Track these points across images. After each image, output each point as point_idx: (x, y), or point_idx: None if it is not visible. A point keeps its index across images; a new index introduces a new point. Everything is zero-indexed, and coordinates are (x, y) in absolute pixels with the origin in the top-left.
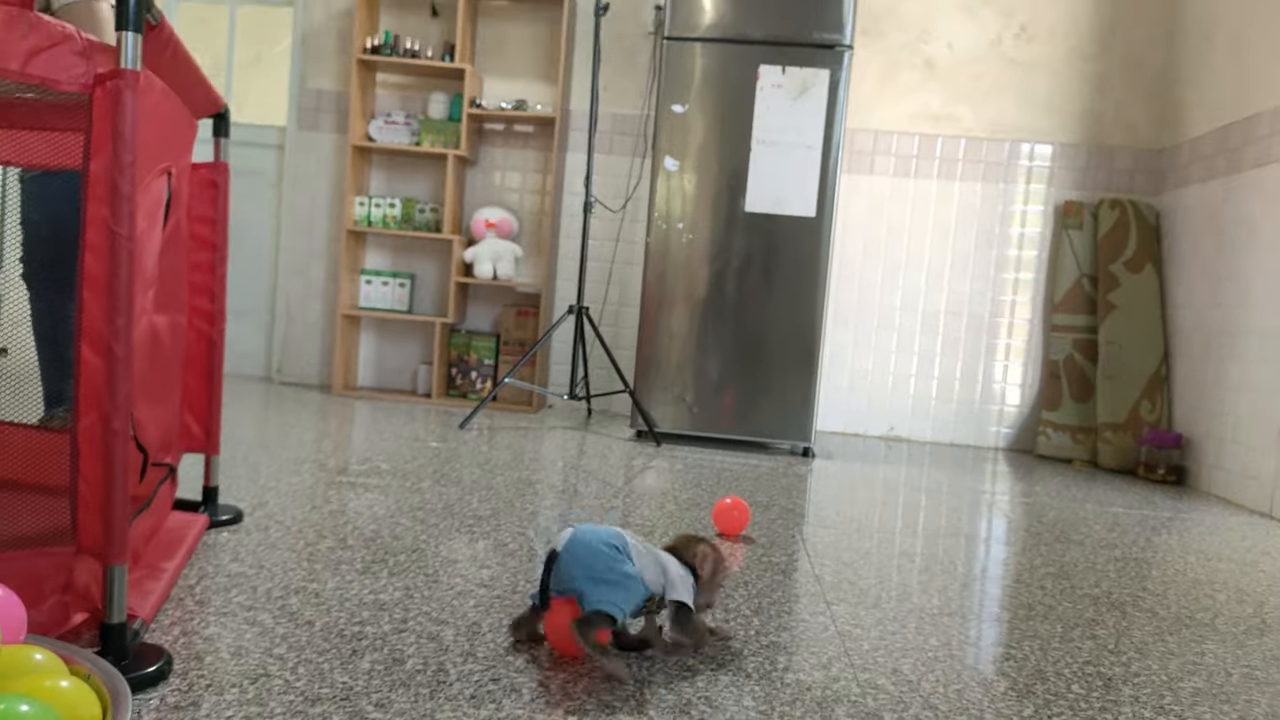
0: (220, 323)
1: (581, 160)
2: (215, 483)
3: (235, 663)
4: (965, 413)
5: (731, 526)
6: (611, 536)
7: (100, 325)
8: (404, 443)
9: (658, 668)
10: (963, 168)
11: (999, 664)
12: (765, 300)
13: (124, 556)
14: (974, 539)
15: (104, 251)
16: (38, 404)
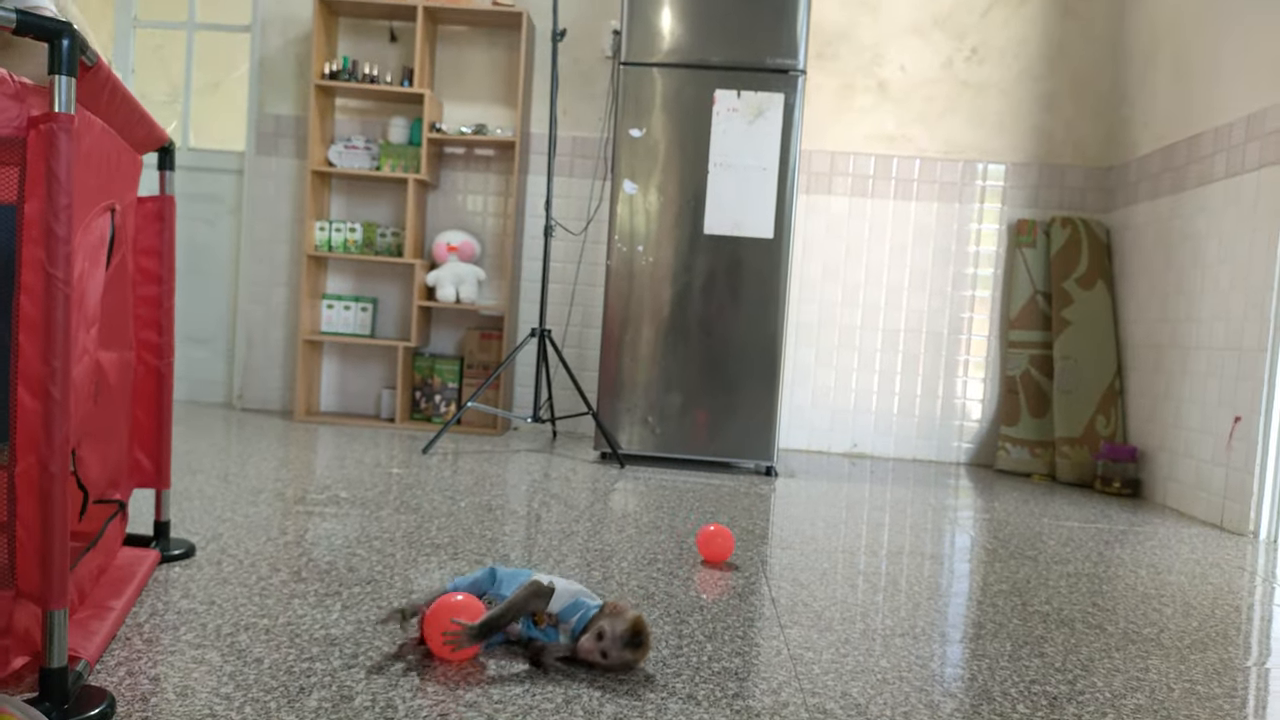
0: (169, 355)
1: (542, 183)
2: (166, 517)
3: (180, 703)
4: (927, 428)
5: (715, 554)
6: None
7: (36, 368)
8: (365, 469)
9: (608, 696)
10: (918, 187)
11: (947, 685)
12: (727, 321)
13: (64, 601)
14: (932, 557)
15: (39, 294)
16: None
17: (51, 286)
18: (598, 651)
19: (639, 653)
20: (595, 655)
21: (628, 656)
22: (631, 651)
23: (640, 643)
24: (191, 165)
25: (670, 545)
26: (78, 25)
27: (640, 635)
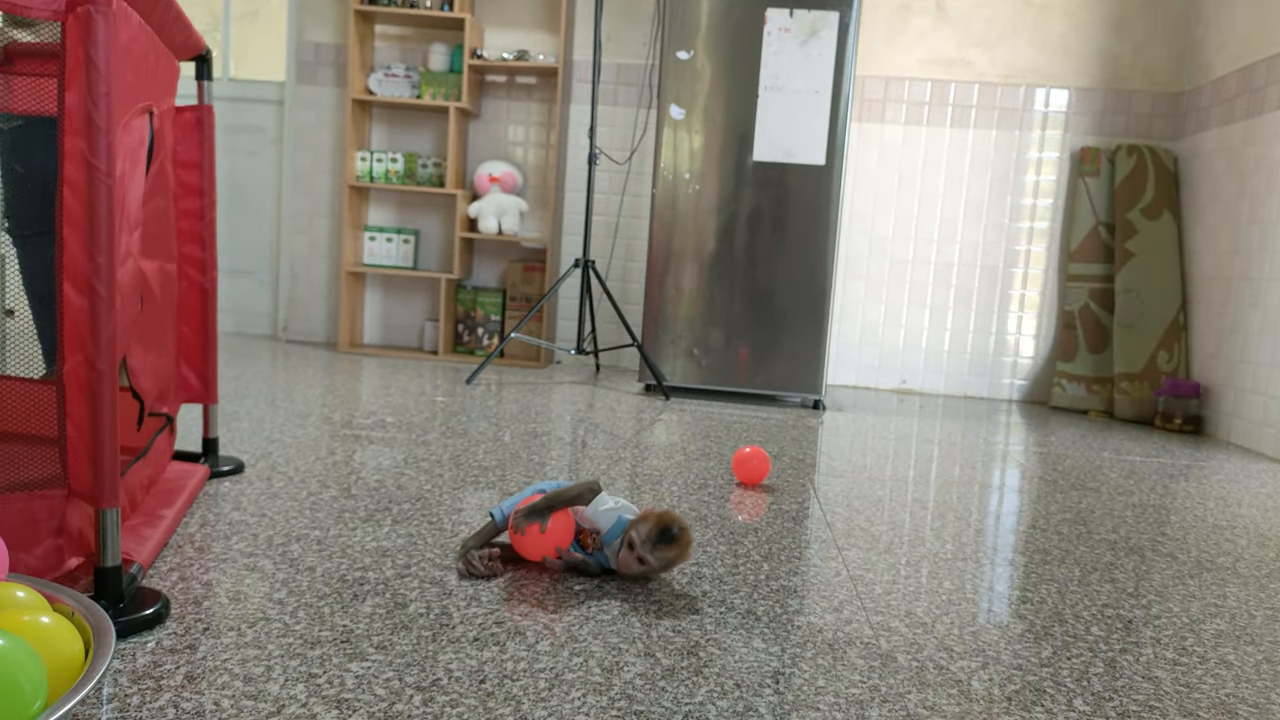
0: (212, 271)
1: (585, 112)
2: (215, 434)
3: (234, 607)
4: (979, 365)
5: (751, 476)
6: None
7: (81, 263)
8: (410, 397)
9: (665, 609)
10: (976, 114)
11: (1015, 607)
12: (774, 252)
13: (115, 500)
14: (988, 487)
15: (82, 186)
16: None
17: (93, 178)
18: (634, 560)
19: (673, 548)
20: (634, 565)
21: (665, 555)
22: (665, 548)
23: (671, 537)
24: (232, 96)
25: (720, 472)
26: None
27: (668, 529)
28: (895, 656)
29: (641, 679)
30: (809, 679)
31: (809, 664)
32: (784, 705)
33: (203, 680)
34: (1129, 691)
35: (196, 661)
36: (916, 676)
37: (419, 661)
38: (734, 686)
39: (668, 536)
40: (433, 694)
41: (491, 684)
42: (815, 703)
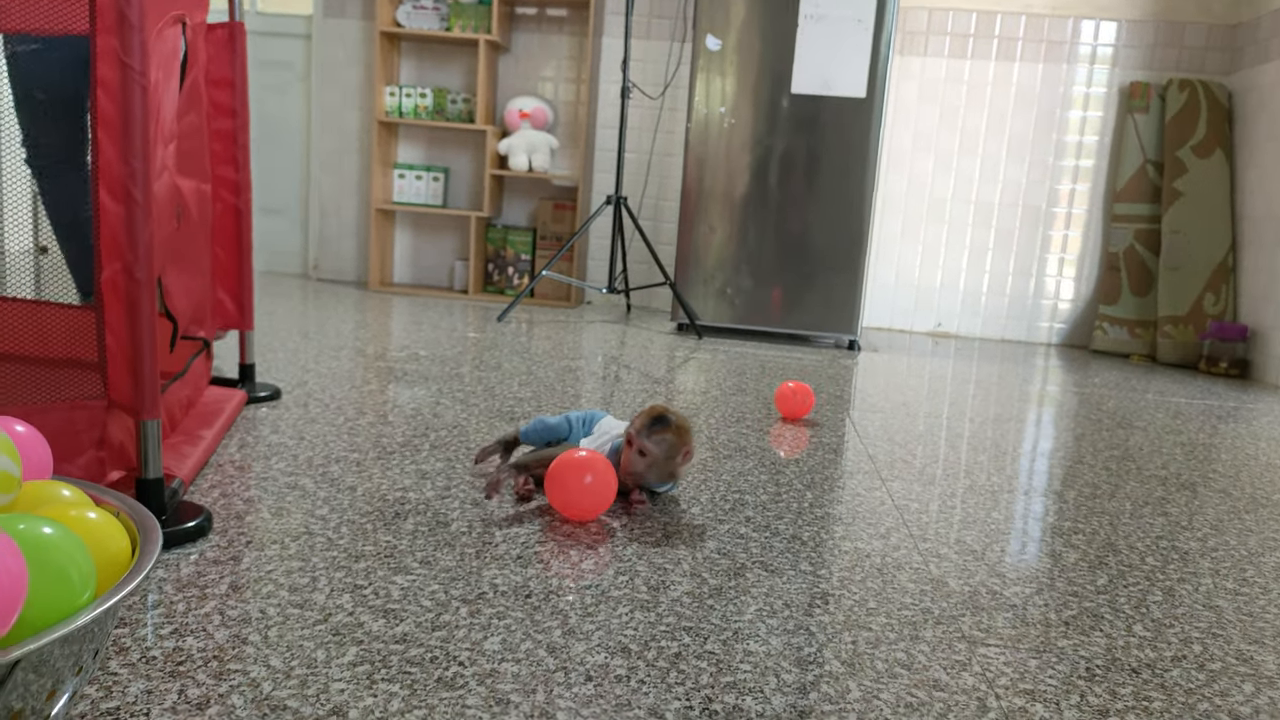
0: (246, 193)
1: (617, 46)
2: (251, 359)
3: (276, 522)
4: (1017, 308)
5: (794, 410)
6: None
7: (117, 168)
8: (442, 333)
9: (709, 535)
10: (1023, 47)
11: (1066, 537)
12: (811, 188)
13: (156, 411)
14: (1029, 424)
15: (116, 87)
16: None
17: (128, 78)
18: (636, 455)
19: (669, 430)
20: (637, 461)
21: (664, 438)
22: (661, 431)
23: (666, 421)
24: (260, 30)
25: (757, 406)
26: None
27: (662, 416)
28: (946, 581)
29: (689, 597)
30: (859, 600)
31: (858, 587)
32: (835, 624)
33: (248, 590)
34: (1190, 619)
35: (241, 572)
36: (970, 600)
37: (463, 576)
38: (783, 606)
39: (662, 421)
40: (479, 607)
41: (537, 599)
42: (867, 623)
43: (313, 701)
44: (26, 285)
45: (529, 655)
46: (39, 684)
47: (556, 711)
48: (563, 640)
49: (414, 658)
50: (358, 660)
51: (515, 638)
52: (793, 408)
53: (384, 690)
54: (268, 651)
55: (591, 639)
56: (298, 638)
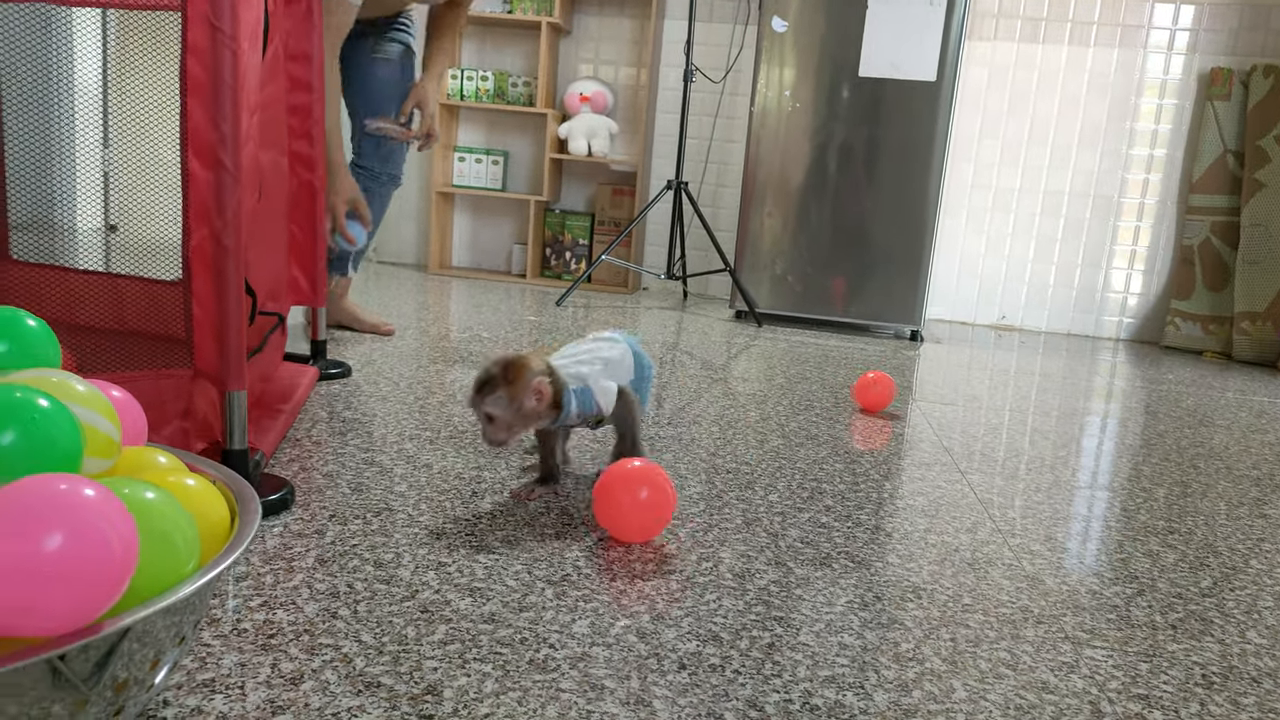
0: (320, 169)
1: (680, 29)
2: (323, 336)
3: (356, 497)
4: (1085, 301)
5: (875, 402)
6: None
7: (206, 133)
8: (502, 315)
9: (790, 523)
10: (1097, 31)
11: (1162, 536)
12: (876, 175)
13: (241, 382)
14: (1107, 419)
15: (206, 51)
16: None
17: (218, 41)
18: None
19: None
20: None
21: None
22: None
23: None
24: None
25: (824, 395)
26: None
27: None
28: (1042, 579)
29: (776, 586)
30: (953, 596)
31: (950, 581)
32: (930, 620)
33: (334, 563)
34: None
35: (325, 546)
36: (1069, 600)
37: (546, 557)
38: (874, 599)
39: (488, 382)
40: (564, 588)
41: (623, 582)
42: (964, 619)
43: (406, 679)
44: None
45: (619, 640)
46: (143, 654)
47: (653, 699)
48: (652, 625)
49: (503, 638)
50: (448, 639)
51: (604, 621)
52: (874, 399)
53: (476, 670)
54: (358, 627)
55: (681, 625)
56: (387, 614)
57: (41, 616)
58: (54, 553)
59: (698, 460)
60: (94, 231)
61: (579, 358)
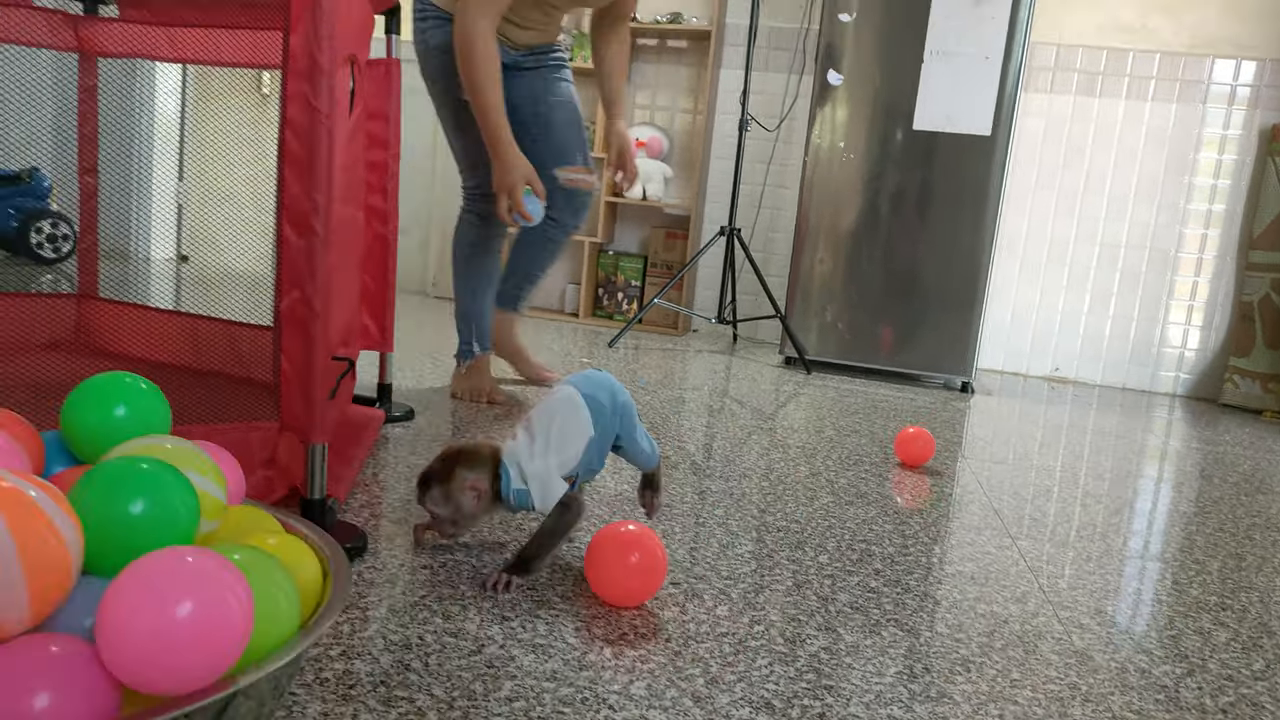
0: (393, 222)
1: (736, 77)
2: (390, 380)
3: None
4: (1141, 355)
5: (915, 458)
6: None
7: (301, 203)
8: (556, 356)
9: (839, 587)
10: (1156, 86)
11: (1214, 613)
12: (928, 226)
13: (325, 435)
14: (1161, 483)
15: (304, 128)
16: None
17: (315, 120)
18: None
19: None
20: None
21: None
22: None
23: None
24: None
25: (873, 449)
26: None
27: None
28: (1091, 655)
29: (826, 653)
30: (1002, 670)
31: (999, 655)
32: (979, 694)
33: (405, 614)
34: None
35: (397, 596)
36: (1118, 678)
37: (603, 615)
38: (923, 670)
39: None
40: (621, 648)
41: (677, 644)
42: (1013, 695)
43: None
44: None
45: (675, 704)
46: (247, 706)
47: None
48: (706, 690)
49: (565, 697)
50: (513, 695)
51: (660, 684)
52: (913, 454)
53: None
54: (429, 680)
55: (734, 690)
56: (455, 667)
57: (174, 676)
58: (186, 620)
59: (748, 517)
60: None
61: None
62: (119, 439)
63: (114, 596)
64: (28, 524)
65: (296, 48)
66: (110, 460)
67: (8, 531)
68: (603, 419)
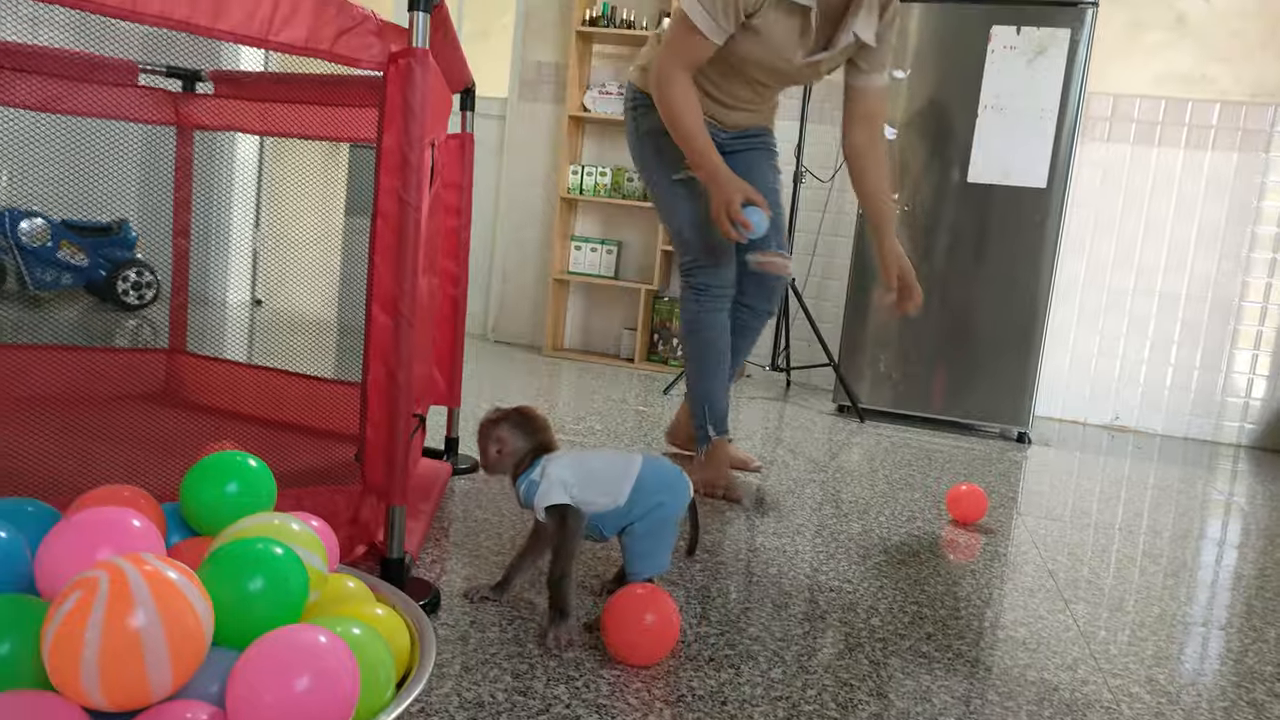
0: (464, 283)
1: (791, 129)
2: (456, 433)
3: (493, 603)
4: (1204, 405)
5: (967, 515)
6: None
7: (389, 287)
8: (613, 405)
9: (890, 650)
10: (1216, 135)
11: (1269, 684)
12: (983, 275)
13: (404, 498)
14: (1223, 544)
15: (394, 218)
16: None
17: (404, 211)
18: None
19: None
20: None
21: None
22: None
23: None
24: None
25: (926, 505)
26: None
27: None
28: None
29: (877, 719)
30: None
31: None
32: None
33: (477, 671)
34: None
35: (470, 653)
36: None
37: (663, 675)
38: None
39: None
40: (680, 710)
41: (733, 706)
42: None
43: None
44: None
45: None
46: None
47: None
48: None
49: None
50: None
51: None
52: (964, 512)
53: None
54: None
55: None
56: None
57: None
58: (304, 692)
59: (801, 576)
60: (242, 305)
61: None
62: (232, 513)
63: (243, 670)
64: (171, 605)
65: (389, 146)
66: (232, 541)
67: (157, 614)
68: (636, 497)
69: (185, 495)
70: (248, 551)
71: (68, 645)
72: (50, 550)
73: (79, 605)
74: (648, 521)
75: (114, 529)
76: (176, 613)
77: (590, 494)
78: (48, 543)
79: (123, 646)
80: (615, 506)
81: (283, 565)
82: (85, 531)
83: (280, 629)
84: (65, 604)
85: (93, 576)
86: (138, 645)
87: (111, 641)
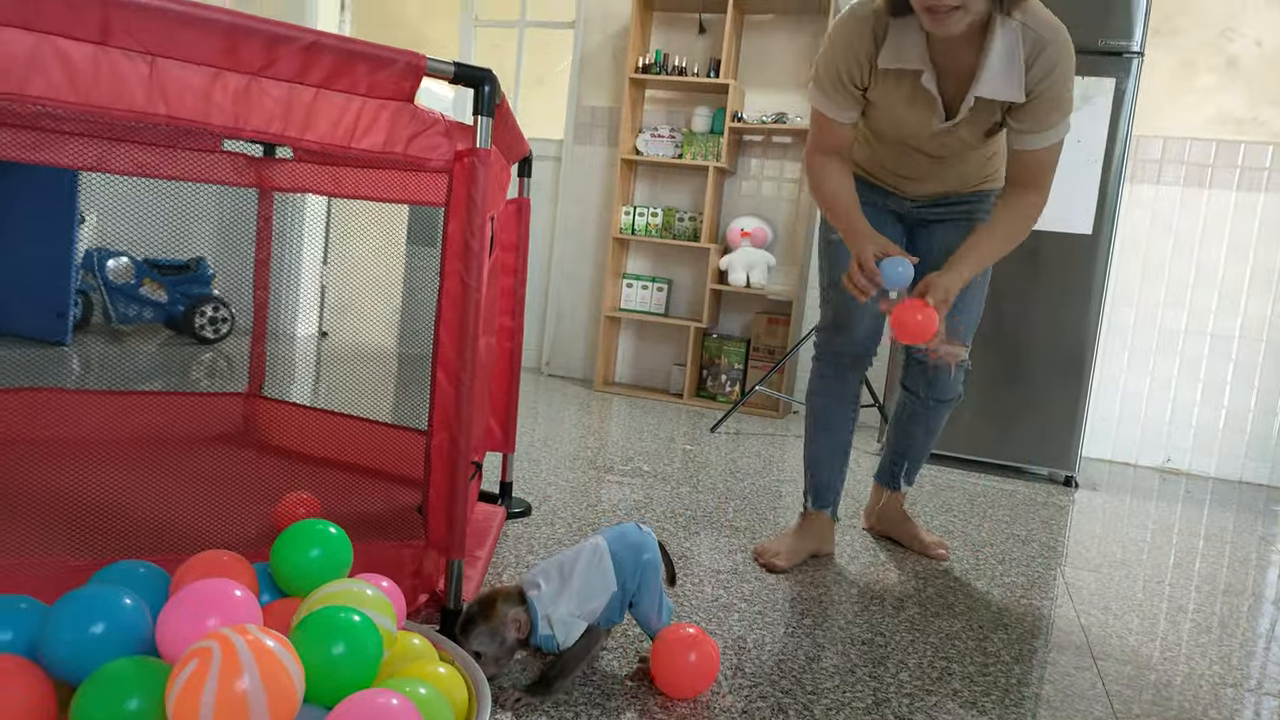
0: (519, 338)
1: None
2: (511, 479)
3: None
4: (1259, 448)
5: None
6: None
7: (452, 359)
8: (661, 443)
9: (916, 706)
10: (1269, 177)
11: None
12: (1031, 319)
13: (463, 552)
14: (1264, 599)
15: (458, 299)
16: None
17: (466, 293)
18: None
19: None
20: (488, 666)
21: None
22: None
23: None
24: None
25: (965, 554)
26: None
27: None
28: None
29: None
30: None
31: None
32: None
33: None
34: None
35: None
36: None
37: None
38: None
39: (468, 625)
40: None
41: None
42: None
43: None
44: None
45: None
46: None
47: None
48: None
49: None
50: None
51: None
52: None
53: None
54: None
55: None
56: None
57: None
58: None
59: (835, 628)
60: (309, 338)
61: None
62: (315, 575)
63: None
64: (270, 670)
65: (453, 233)
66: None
67: (259, 678)
68: (624, 575)
69: (275, 559)
70: (331, 619)
71: (188, 705)
72: (168, 620)
73: (196, 672)
74: (641, 584)
75: (220, 600)
76: (275, 676)
77: (591, 604)
78: (166, 613)
79: (232, 707)
80: (614, 594)
81: (360, 631)
82: (197, 603)
83: (359, 693)
84: (185, 670)
85: (206, 646)
86: (244, 705)
87: (223, 702)
